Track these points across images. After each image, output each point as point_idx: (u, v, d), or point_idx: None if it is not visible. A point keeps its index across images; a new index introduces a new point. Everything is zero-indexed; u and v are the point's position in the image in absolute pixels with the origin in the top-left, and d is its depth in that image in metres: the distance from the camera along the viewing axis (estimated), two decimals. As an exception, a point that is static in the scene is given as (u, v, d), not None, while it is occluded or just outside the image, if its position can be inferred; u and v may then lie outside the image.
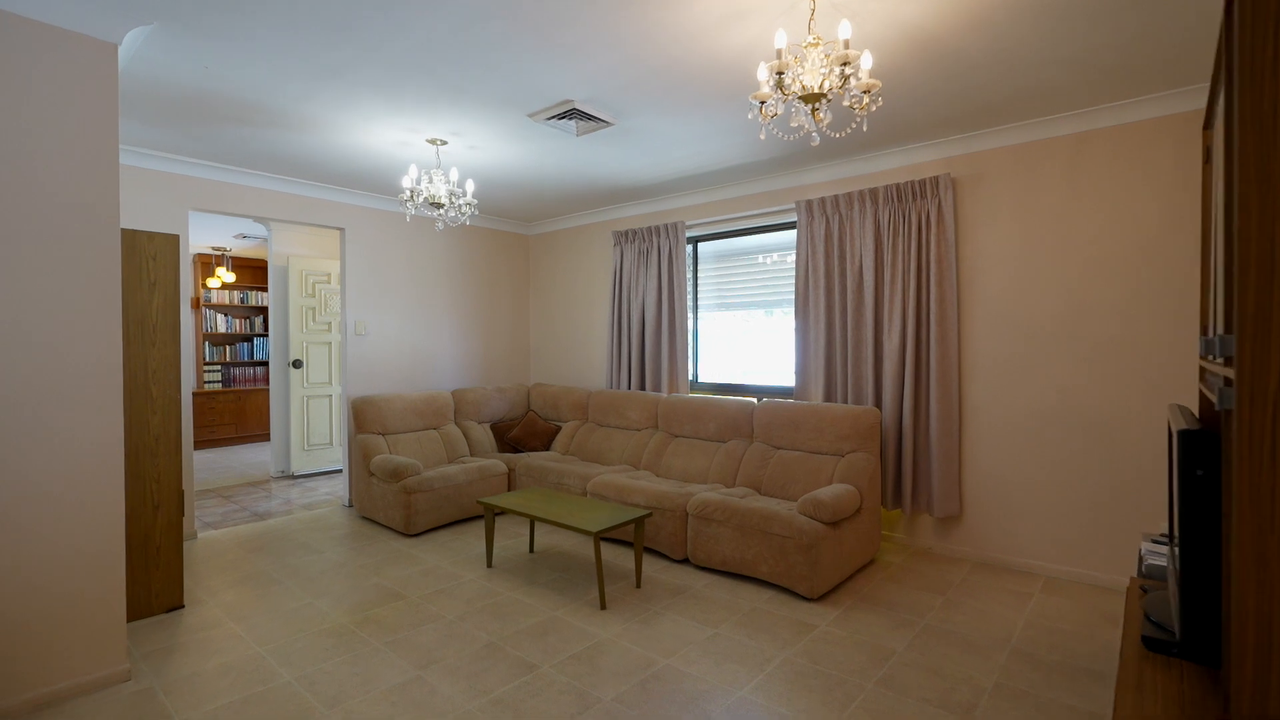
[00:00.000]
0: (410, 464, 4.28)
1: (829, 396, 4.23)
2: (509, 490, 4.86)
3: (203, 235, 7.14)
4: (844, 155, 4.07)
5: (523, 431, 5.35)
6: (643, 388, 5.28)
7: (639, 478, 4.30)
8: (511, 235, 6.27)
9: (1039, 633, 2.83)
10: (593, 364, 5.85)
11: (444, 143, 3.78)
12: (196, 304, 8.47)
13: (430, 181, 3.90)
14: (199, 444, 8.14)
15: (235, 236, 7.19)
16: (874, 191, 3.99)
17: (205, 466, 6.81)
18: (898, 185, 3.90)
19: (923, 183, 3.81)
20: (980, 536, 3.73)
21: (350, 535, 4.29)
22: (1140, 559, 2.58)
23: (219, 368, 8.70)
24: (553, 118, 3.35)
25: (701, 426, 4.46)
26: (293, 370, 6.21)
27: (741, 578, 3.49)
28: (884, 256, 4.00)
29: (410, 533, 4.23)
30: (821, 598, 3.22)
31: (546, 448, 5.34)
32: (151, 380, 3.01)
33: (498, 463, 4.79)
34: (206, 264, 8.54)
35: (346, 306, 5.06)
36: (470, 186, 3.80)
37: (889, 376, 3.93)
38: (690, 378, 5.23)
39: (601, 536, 3.10)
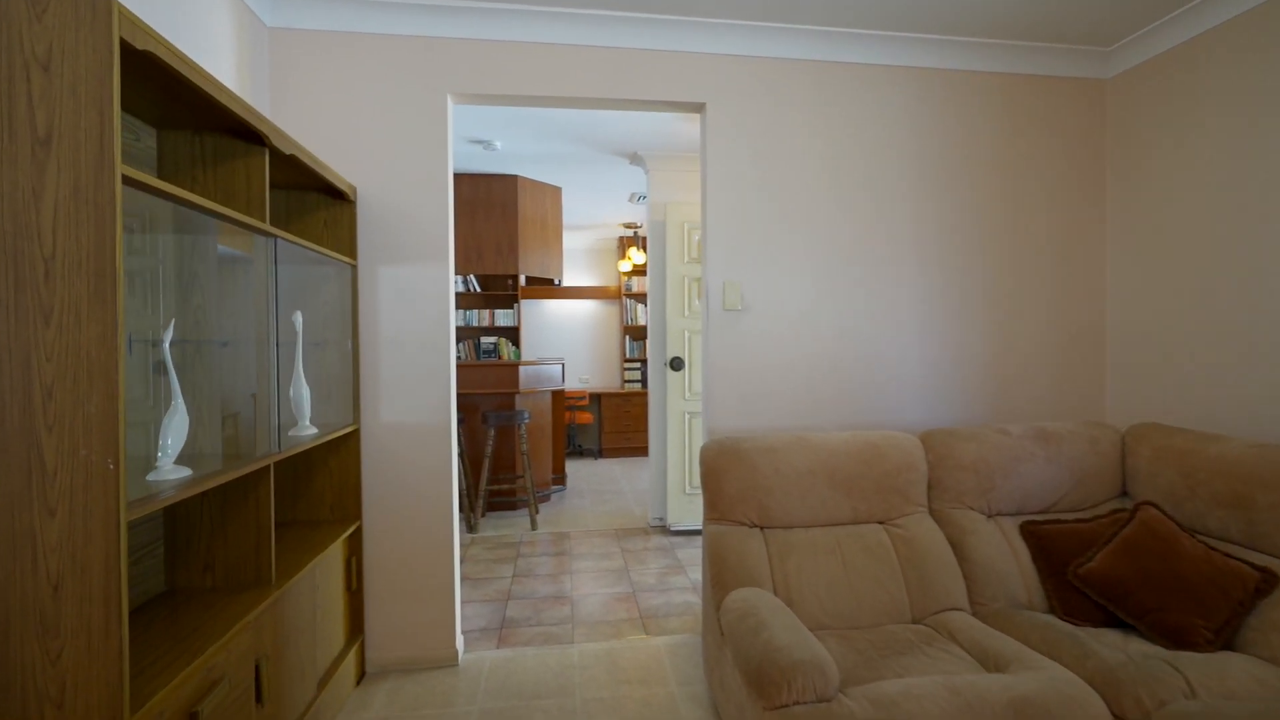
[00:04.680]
0: (802, 655, 1.49)
1: None
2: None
3: (591, 206, 5.93)
4: None
5: (1124, 560, 1.92)
6: None
7: None
8: (1057, 83, 2.80)
9: None
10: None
11: None
12: (617, 293, 7.63)
13: None
14: (617, 451, 7.20)
15: (631, 200, 5.74)
16: None
17: (599, 485, 5.54)
18: None
19: None
20: None
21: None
22: None
23: (639, 365, 7.70)
24: None
25: None
26: (670, 373, 4.22)
27: None
28: None
29: None
30: None
31: (1218, 638, 1.77)
32: (40, 419, 1.07)
33: (1061, 674, 1.56)
34: (622, 246, 7.62)
35: (709, 257, 2.62)
36: None
37: None
38: None
39: None
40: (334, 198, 2.33)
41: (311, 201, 2.33)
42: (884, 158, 2.67)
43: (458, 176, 4.81)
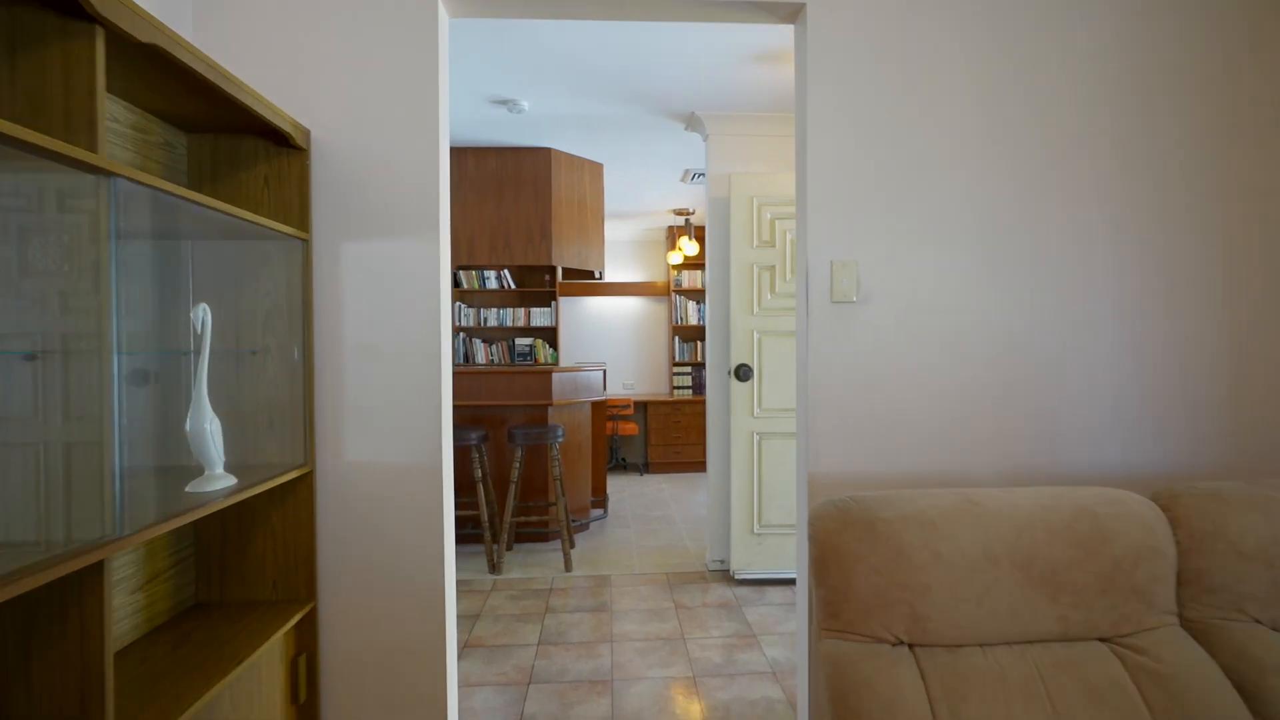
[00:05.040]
0: None
1: None
2: None
3: (637, 188, 5.18)
4: None
5: None
6: None
7: None
8: (1333, -31, 1.89)
9: None
10: None
11: None
12: (666, 289, 6.87)
13: None
14: (665, 466, 6.46)
15: (684, 179, 4.96)
16: None
17: (645, 509, 4.79)
18: None
19: None
20: None
21: None
22: None
23: (690, 370, 6.93)
24: None
25: None
26: (735, 383, 3.43)
27: None
28: None
29: None
30: None
31: None
32: None
33: None
34: (671, 236, 6.86)
35: (809, 229, 1.82)
36: None
37: None
38: None
39: None
40: (278, 144, 1.65)
41: (248, 151, 1.65)
42: (1069, 80, 1.82)
43: (480, 150, 4.14)
